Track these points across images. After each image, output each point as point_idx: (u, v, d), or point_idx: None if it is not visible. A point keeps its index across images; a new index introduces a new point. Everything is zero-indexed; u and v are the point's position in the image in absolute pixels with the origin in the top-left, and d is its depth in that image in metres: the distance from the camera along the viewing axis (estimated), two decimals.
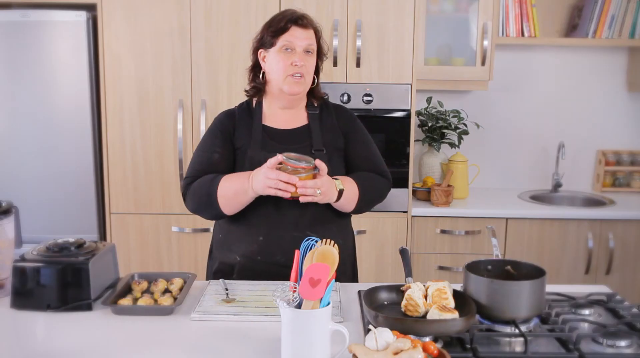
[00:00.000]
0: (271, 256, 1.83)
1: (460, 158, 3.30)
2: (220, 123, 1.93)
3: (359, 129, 1.99)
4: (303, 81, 1.85)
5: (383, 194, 1.99)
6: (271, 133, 1.89)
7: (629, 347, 1.39)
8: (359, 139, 1.97)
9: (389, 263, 3.05)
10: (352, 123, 1.98)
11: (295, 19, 1.83)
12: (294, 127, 1.91)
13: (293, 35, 1.82)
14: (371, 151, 1.99)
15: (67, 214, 3.04)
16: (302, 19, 1.84)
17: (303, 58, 1.82)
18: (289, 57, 1.82)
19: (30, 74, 2.95)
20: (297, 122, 1.92)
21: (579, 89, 3.57)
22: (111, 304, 1.58)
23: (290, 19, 1.83)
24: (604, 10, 3.30)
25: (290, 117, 1.92)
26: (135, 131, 2.99)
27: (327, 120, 1.94)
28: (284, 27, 1.82)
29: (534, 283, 1.45)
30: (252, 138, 1.87)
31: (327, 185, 1.73)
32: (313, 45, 1.86)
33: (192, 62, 2.94)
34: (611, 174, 3.58)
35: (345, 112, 2.01)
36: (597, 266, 3.10)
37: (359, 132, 1.98)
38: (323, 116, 1.95)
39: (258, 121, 1.90)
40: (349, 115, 2.00)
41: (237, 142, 1.88)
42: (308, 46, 1.84)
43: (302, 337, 1.25)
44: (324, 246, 1.33)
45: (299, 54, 1.82)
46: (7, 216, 1.70)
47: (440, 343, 1.38)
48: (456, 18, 3.31)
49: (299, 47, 1.82)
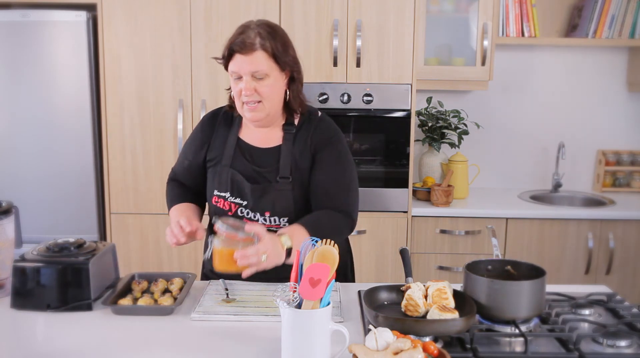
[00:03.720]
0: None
1: (460, 158, 3.30)
2: (200, 129, 1.88)
3: (332, 153, 1.78)
4: (261, 107, 1.71)
5: (341, 233, 1.79)
6: (244, 149, 1.81)
7: (629, 347, 1.39)
8: (325, 166, 1.77)
9: (389, 263, 3.05)
10: (325, 145, 1.78)
11: (235, 48, 1.67)
12: (266, 146, 1.80)
13: (237, 63, 1.68)
14: (336, 181, 1.78)
15: (67, 214, 3.04)
16: (242, 45, 1.66)
17: (251, 86, 1.67)
18: (237, 85, 1.70)
19: (30, 74, 2.95)
20: (271, 141, 1.80)
21: (579, 89, 3.57)
22: (111, 304, 1.58)
23: (232, 45, 1.68)
24: (604, 10, 3.30)
25: (266, 135, 1.81)
26: (136, 131, 2.99)
27: (301, 141, 1.78)
28: (227, 55, 1.70)
29: (534, 283, 1.45)
30: (224, 152, 1.81)
31: (271, 247, 1.53)
32: (262, 69, 1.67)
33: (192, 62, 2.94)
34: (611, 174, 3.57)
35: (324, 131, 1.80)
36: (597, 266, 3.09)
37: (329, 158, 1.78)
38: (299, 135, 1.79)
39: (234, 134, 1.82)
40: (326, 136, 1.79)
41: (210, 153, 1.84)
42: (254, 72, 1.67)
43: (302, 337, 1.25)
44: (324, 246, 1.33)
45: (247, 82, 1.68)
46: (7, 216, 1.71)
47: (440, 343, 1.38)
48: (456, 18, 3.31)
49: (245, 75, 1.68)
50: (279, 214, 1.76)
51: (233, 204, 1.78)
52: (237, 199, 1.78)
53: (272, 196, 1.75)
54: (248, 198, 1.76)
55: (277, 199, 1.75)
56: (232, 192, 1.78)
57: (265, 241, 1.52)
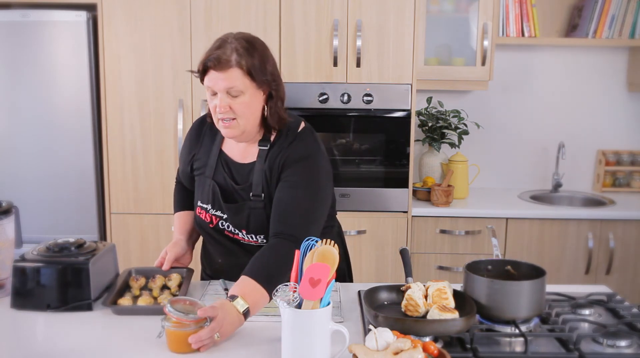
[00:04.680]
0: (231, 278, 1.76)
1: (460, 158, 3.30)
2: (189, 136, 1.87)
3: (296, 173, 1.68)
4: (235, 124, 1.64)
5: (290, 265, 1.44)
6: (224, 163, 1.78)
7: (629, 347, 1.39)
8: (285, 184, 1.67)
9: (389, 263, 3.05)
10: (292, 164, 1.69)
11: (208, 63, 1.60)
12: (243, 162, 1.75)
13: (211, 79, 1.61)
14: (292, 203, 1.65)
15: (67, 214, 3.04)
16: (217, 61, 1.58)
17: (225, 103, 1.61)
18: (212, 101, 1.65)
19: (30, 74, 2.95)
20: (248, 156, 1.75)
21: (579, 89, 3.57)
22: (111, 304, 1.58)
23: (206, 61, 1.61)
24: (604, 10, 3.30)
25: (245, 149, 1.76)
26: (136, 131, 2.99)
27: (273, 158, 1.70)
28: (203, 70, 1.63)
29: (534, 283, 1.46)
30: (208, 162, 1.79)
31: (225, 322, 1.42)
32: (236, 86, 1.60)
33: (192, 62, 2.94)
34: (611, 174, 3.57)
35: (297, 150, 1.70)
36: (597, 266, 3.09)
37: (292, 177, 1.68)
38: (271, 152, 1.71)
39: (217, 146, 1.79)
40: (297, 155, 1.69)
41: (196, 163, 1.83)
42: (229, 89, 1.60)
43: (302, 337, 1.25)
44: (324, 246, 1.33)
45: (221, 99, 1.61)
46: (7, 216, 1.71)
47: (440, 343, 1.38)
48: (456, 18, 3.31)
49: (220, 92, 1.61)
50: (254, 232, 1.73)
51: (214, 217, 1.76)
52: (217, 212, 1.75)
53: (246, 213, 1.71)
54: (226, 215, 1.75)
55: (251, 217, 1.71)
56: (213, 205, 1.76)
57: (218, 318, 1.40)
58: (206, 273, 1.96)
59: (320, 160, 1.72)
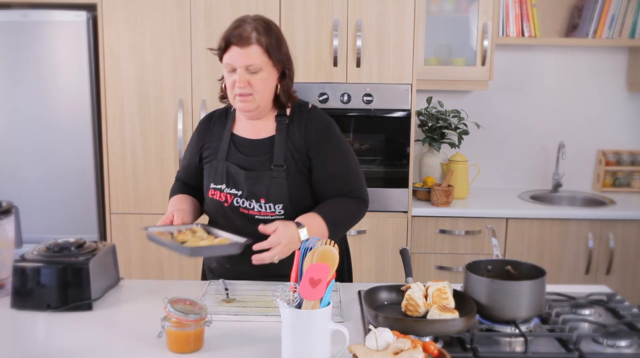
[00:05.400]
0: (239, 265, 1.78)
1: (460, 158, 3.30)
2: (197, 131, 1.95)
3: (328, 143, 1.83)
4: (252, 99, 1.75)
5: (357, 218, 1.85)
6: (238, 143, 1.85)
7: (629, 347, 1.39)
8: (325, 156, 1.81)
9: (389, 263, 3.06)
10: (319, 137, 1.82)
11: (231, 39, 1.71)
12: (259, 138, 1.83)
13: (232, 55, 1.72)
14: (341, 168, 1.83)
15: (67, 215, 3.04)
16: (239, 37, 1.70)
17: (244, 79, 1.72)
18: (231, 77, 1.74)
19: (30, 74, 2.95)
20: (264, 132, 1.84)
21: (579, 89, 3.57)
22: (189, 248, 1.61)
23: (229, 37, 1.72)
24: (604, 10, 3.30)
25: (258, 127, 1.85)
26: (136, 131, 2.99)
27: (295, 132, 1.81)
28: (224, 46, 1.73)
29: (534, 283, 1.46)
30: (219, 147, 1.85)
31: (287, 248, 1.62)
32: (256, 64, 1.71)
33: (192, 62, 2.94)
34: (611, 174, 3.57)
35: (317, 123, 1.83)
36: (597, 266, 3.09)
37: (327, 147, 1.82)
38: (292, 126, 1.82)
39: (229, 129, 1.87)
40: (318, 127, 1.83)
41: (205, 151, 1.89)
42: (248, 66, 1.71)
43: (302, 337, 1.25)
44: (324, 246, 1.33)
45: (240, 75, 1.72)
46: (7, 216, 1.71)
47: (441, 343, 1.38)
48: (456, 18, 3.31)
49: (240, 68, 1.72)
50: (273, 201, 1.77)
51: (229, 196, 1.81)
52: (232, 190, 1.80)
53: (267, 182, 1.78)
54: (243, 186, 1.79)
55: (271, 186, 1.77)
56: (228, 183, 1.81)
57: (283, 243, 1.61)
58: (209, 269, 1.95)
59: (336, 128, 1.88)
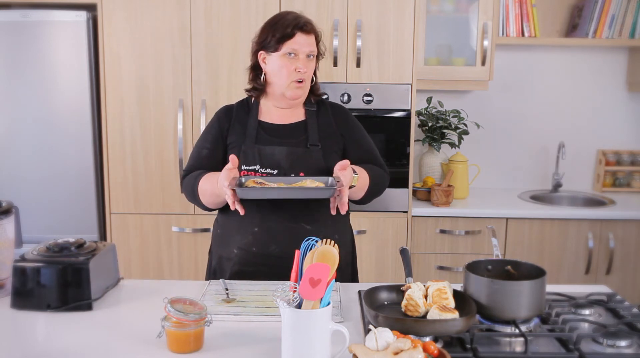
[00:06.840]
0: (266, 247, 1.85)
1: (460, 158, 3.30)
2: (217, 119, 1.97)
3: (356, 127, 2.02)
4: (304, 85, 1.89)
5: (385, 186, 2.03)
6: (266, 128, 1.93)
7: (629, 347, 1.39)
8: (357, 137, 2.00)
9: (389, 263, 3.05)
10: (348, 122, 2.01)
11: (300, 26, 1.85)
12: (289, 123, 1.94)
13: (298, 42, 1.84)
14: (370, 146, 2.03)
15: (67, 215, 3.04)
16: (306, 25, 1.86)
17: (305, 64, 1.86)
18: (292, 63, 1.85)
19: (30, 74, 2.95)
20: (293, 118, 1.96)
21: (579, 89, 3.57)
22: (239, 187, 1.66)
23: (296, 25, 1.84)
24: (604, 10, 3.30)
25: (287, 114, 1.96)
26: (136, 131, 2.99)
27: (324, 118, 1.97)
28: (290, 33, 1.84)
29: (534, 283, 1.45)
30: (247, 132, 1.90)
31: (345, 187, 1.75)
32: (315, 50, 1.89)
33: (192, 62, 2.94)
34: (611, 174, 3.57)
35: (342, 110, 2.03)
36: (597, 266, 3.09)
37: (356, 130, 2.01)
38: (320, 113, 1.98)
39: (254, 117, 1.93)
40: (345, 114, 2.02)
41: (230, 137, 1.92)
42: (310, 52, 1.87)
43: (302, 337, 1.25)
44: (324, 246, 1.33)
45: (302, 60, 1.85)
46: (7, 216, 1.70)
47: (441, 343, 1.38)
48: (456, 18, 3.31)
49: (302, 54, 1.85)
50: (312, 175, 1.83)
51: (264, 175, 1.84)
52: (267, 170, 1.85)
53: (306, 159, 1.87)
54: (281, 164, 1.84)
55: (310, 163, 1.87)
56: (262, 164, 1.85)
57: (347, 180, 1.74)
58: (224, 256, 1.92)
59: None
